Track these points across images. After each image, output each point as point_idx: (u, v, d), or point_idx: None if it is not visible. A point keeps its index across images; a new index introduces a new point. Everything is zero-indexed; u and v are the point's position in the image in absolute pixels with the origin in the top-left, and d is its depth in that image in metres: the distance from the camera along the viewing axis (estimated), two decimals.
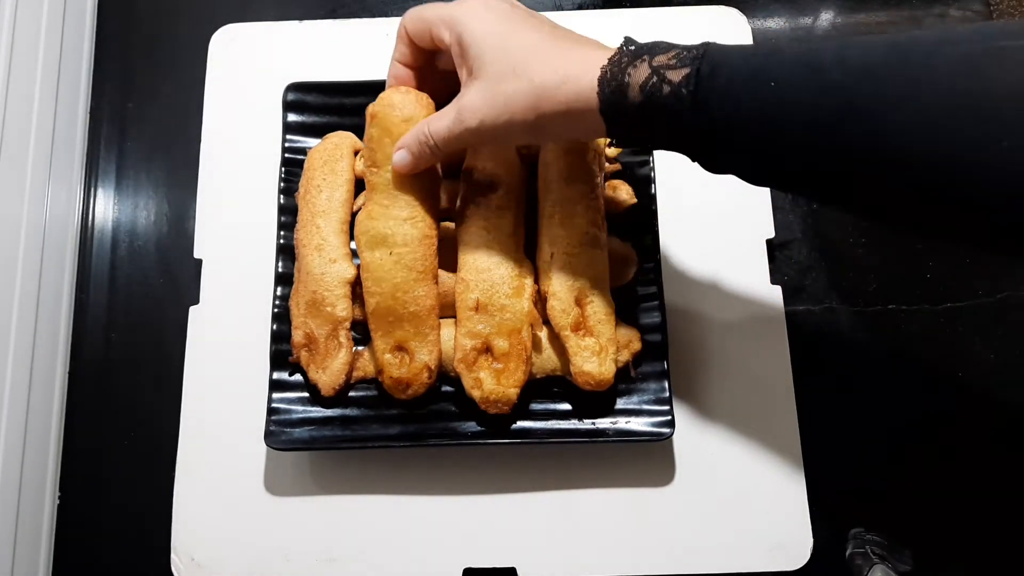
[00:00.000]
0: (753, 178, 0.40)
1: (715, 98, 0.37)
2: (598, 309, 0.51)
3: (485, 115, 0.43)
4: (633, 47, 0.40)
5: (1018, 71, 0.30)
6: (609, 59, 0.40)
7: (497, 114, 0.43)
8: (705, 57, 0.38)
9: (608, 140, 0.48)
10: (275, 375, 0.54)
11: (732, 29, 0.65)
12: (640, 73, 0.39)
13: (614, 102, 0.39)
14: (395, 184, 0.50)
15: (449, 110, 0.45)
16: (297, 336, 0.54)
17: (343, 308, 0.54)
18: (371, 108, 0.50)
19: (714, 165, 0.40)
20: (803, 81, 0.35)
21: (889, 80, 0.33)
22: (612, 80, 0.39)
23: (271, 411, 0.53)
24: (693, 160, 0.41)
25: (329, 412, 0.54)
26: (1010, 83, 0.30)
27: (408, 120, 0.49)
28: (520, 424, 0.53)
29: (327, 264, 0.54)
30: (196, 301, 0.59)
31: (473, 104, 0.43)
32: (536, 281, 0.52)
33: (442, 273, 0.55)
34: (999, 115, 0.30)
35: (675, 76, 0.38)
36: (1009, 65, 0.31)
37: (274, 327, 0.55)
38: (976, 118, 0.30)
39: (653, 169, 0.57)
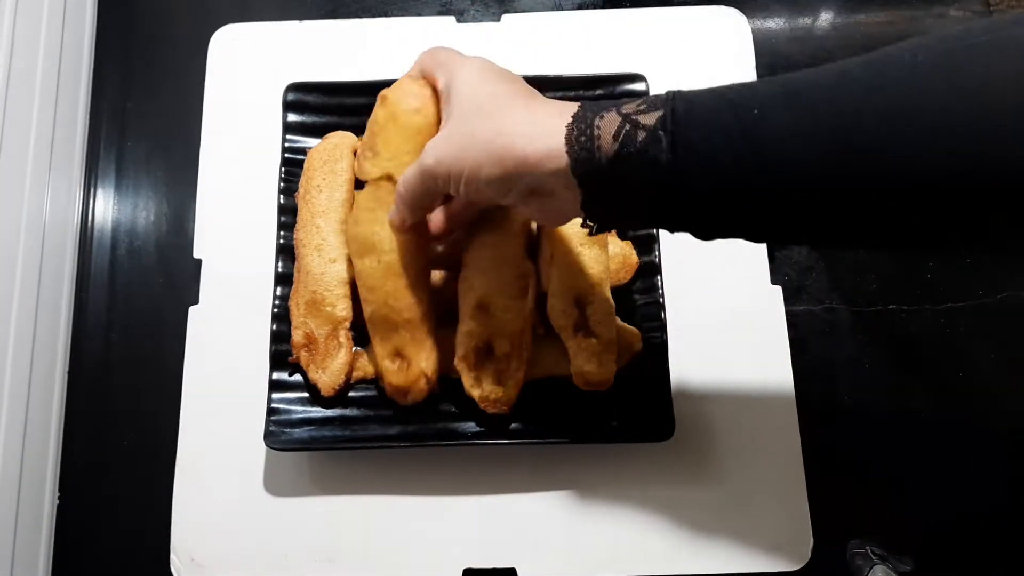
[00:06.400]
0: (754, 226, 0.36)
1: (696, 135, 0.34)
2: (598, 309, 0.51)
3: (444, 153, 0.40)
4: (595, 103, 0.38)
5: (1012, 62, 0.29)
6: (573, 115, 0.37)
7: (456, 153, 0.40)
8: (677, 99, 0.35)
9: (583, 221, 0.41)
10: (275, 375, 0.54)
11: (732, 29, 0.65)
12: (610, 123, 0.36)
13: (585, 159, 0.36)
14: (384, 190, 0.48)
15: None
16: (297, 336, 0.54)
17: (343, 308, 0.54)
18: (385, 91, 0.48)
19: (705, 225, 0.36)
20: (785, 101, 0.33)
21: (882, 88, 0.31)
22: (580, 135, 0.36)
23: (271, 411, 0.53)
24: (674, 230, 0.37)
25: (329, 412, 0.54)
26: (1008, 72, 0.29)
27: (417, 112, 0.46)
28: (520, 424, 0.53)
29: (327, 264, 0.54)
30: (196, 301, 0.59)
31: (435, 143, 0.41)
32: (537, 281, 0.52)
33: (442, 273, 0.55)
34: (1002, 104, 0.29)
35: (648, 119, 0.35)
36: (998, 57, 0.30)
37: (274, 327, 0.55)
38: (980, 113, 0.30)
39: None
